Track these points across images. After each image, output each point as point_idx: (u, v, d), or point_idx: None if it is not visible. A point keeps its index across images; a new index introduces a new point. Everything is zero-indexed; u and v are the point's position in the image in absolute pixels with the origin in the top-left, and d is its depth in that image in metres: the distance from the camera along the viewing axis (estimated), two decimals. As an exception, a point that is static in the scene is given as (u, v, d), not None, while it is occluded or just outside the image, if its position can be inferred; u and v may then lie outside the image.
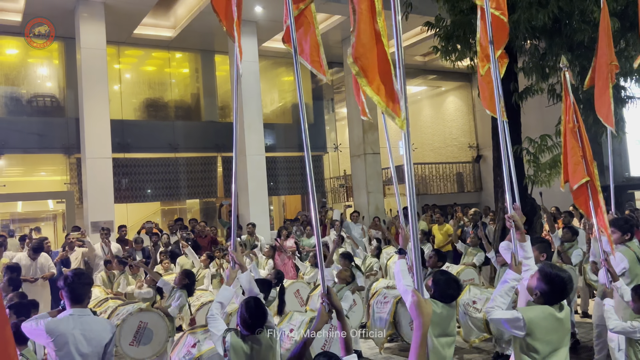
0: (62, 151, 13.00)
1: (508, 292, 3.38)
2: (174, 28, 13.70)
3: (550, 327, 3.07)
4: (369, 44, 2.78)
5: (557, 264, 5.20)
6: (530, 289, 3.23)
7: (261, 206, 12.82)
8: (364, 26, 2.80)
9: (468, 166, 19.30)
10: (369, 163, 14.72)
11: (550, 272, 3.15)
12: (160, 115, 15.06)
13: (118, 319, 5.92)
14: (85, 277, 3.55)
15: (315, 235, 3.17)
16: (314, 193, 3.07)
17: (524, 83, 8.80)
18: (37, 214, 15.64)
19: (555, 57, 8.16)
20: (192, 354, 4.52)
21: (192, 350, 4.56)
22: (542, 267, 3.26)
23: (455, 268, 7.72)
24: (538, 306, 3.15)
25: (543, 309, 3.11)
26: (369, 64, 2.77)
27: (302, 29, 3.70)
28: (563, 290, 3.13)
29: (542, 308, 3.12)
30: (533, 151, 8.71)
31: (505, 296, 3.35)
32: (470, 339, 6.29)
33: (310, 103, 17.09)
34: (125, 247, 9.94)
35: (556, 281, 3.12)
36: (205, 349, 4.55)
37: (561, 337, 3.12)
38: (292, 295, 7.53)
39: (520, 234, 3.75)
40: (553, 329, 3.07)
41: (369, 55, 2.78)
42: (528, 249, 3.76)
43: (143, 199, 14.17)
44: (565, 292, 3.14)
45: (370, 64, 2.77)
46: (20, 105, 13.00)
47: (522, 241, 3.75)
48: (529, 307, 3.20)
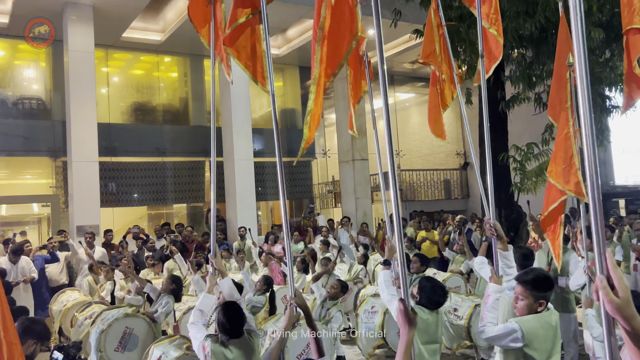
0: (48, 154, 12.88)
1: (494, 306, 3.36)
2: (163, 32, 13.66)
3: (547, 335, 3.05)
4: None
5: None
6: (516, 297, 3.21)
7: (249, 211, 12.78)
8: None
9: (455, 173, 19.41)
10: (358, 169, 14.75)
11: (530, 277, 3.14)
12: (148, 119, 14.98)
13: (103, 323, 5.86)
14: None
15: (285, 240, 3.26)
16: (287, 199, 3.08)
17: (510, 91, 8.89)
18: (22, 218, 15.45)
19: (542, 66, 8.26)
20: None
21: None
22: (518, 277, 3.22)
23: (442, 275, 7.74)
24: (532, 315, 3.11)
25: (538, 317, 3.08)
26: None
27: (246, 37, 3.76)
28: (549, 284, 3.13)
29: (537, 317, 3.09)
30: (519, 159, 8.79)
31: (493, 311, 3.33)
32: (453, 346, 6.31)
33: (298, 109, 17.10)
34: (111, 251, 9.86)
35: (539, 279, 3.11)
36: (172, 358, 4.50)
37: (555, 343, 3.12)
38: (279, 301, 7.50)
39: (502, 243, 3.71)
40: (549, 336, 3.06)
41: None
42: (511, 258, 3.72)
43: (130, 204, 14.06)
44: (551, 285, 3.14)
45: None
46: (6, 107, 12.86)
47: (505, 250, 3.71)
48: (524, 318, 3.15)
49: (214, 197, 4.26)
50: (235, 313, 3.53)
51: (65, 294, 7.74)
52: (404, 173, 18.17)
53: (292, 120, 17.06)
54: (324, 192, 18.55)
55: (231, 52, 3.75)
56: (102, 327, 5.75)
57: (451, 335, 6.26)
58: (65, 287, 8.58)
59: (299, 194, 16.66)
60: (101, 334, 5.69)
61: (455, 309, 6.25)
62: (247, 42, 3.78)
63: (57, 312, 7.42)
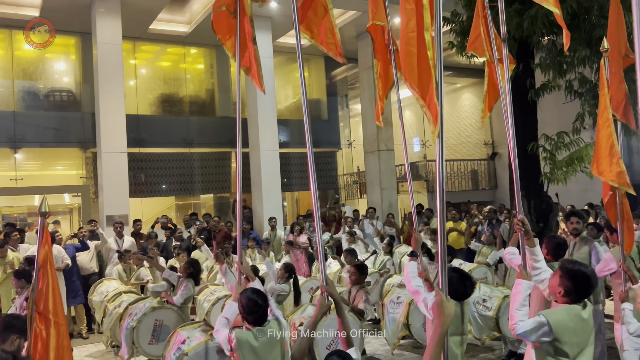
0: (78, 145, 13.14)
1: (524, 303, 3.29)
2: (189, 23, 13.74)
3: (577, 328, 2.97)
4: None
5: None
6: (553, 288, 3.12)
7: (274, 202, 12.84)
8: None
9: (483, 163, 19.14)
10: (383, 159, 14.66)
11: (573, 268, 3.05)
12: (175, 110, 15.14)
13: (133, 320, 5.96)
14: None
15: (317, 229, 3.23)
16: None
17: (540, 79, 8.69)
18: (54, 208, 15.73)
19: (573, 53, 8.05)
20: (182, 350, 4.50)
21: (182, 347, 4.53)
22: (563, 265, 3.13)
23: (468, 266, 7.66)
24: (562, 307, 3.04)
25: (568, 309, 3.00)
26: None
27: (314, 13, 3.72)
28: (587, 286, 3.02)
29: (567, 309, 3.00)
30: (549, 148, 8.60)
31: (523, 308, 3.26)
32: (482, 337, 6.25)
33: (324, 99, 17.06)
34: (140, 240, 10.02)
35: (580, 277, 3.01)
36: (194, 344, 4.53)
37: (587, 336, 3.02)
38: (307, 293, 7.52)
39: (529, 239, 3.64)
40: (580, 329, 2.97)
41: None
42: (538, 253, 3.66)
43: (158, 194, 14.26)
44: (590, 288, 3.03)
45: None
46: (38, 99, 13.14)
47: (532, 246, 3.64)
48: (553, 310, 3.08)
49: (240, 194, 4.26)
50: (258, 295, 3.49)
51: (104, 285, 7.79)
52: (430, 164, 18.01)
53: (317, 110, 17.03)
54: (349, 183, 18.52)
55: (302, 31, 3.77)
56: (133, 324, 5.86)
57: (480, 326, 6.20)
58: (95, 275, 8.77)
59: (324, 184, 16.66)
60: (132, 331, 5.81)
61: (484, 299, 6.18)
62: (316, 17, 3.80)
63: (98, 303, 7.53)
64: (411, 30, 2.84)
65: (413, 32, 2.83)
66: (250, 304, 3.44)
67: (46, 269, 3.02)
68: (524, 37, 8.08)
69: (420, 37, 2.79)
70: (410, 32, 2.85)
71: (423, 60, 2.77)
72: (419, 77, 2.80)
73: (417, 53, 2.80)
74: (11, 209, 15.03)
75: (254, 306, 3.44)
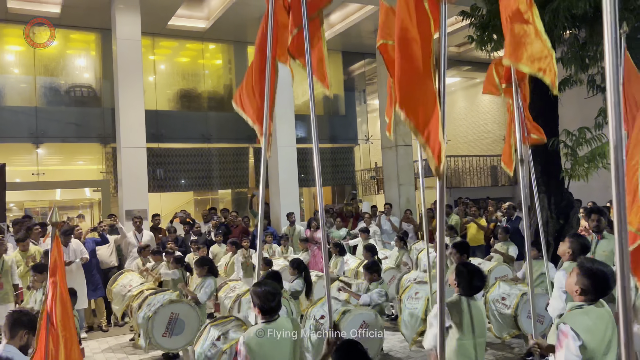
0: (98, 140, 13.29)
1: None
2: (207, 19, 13.79)
3: (600, 327, 2.90)
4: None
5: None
6: (571, 287, 3.05)
7: (291, 197, 12.86)
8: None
9: (502, 159, 18.92)
10: (401, 155, 14.58)
11: (592, 267, 2.98)
12: (193, 106, 15.22)
13: (149, 310, 6.01)
14: None
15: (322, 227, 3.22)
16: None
17: (562, 74, 8.54)
18: (75, 202, 16.06)
19: (596, 47, 7.89)
20: (219, 347, 4.51)
21: (218, 343, 4.54)
22: (581, 263, 3.06)
23: (488, 265, 7.59)
24: (578, 312, 2.96)
25: (586, 311, 2.93)
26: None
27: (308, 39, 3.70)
28: (605, 285, 2.95)
29: (588, 310, 2.93)
30: (571, 144, 8.46)
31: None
32: (502, 335, 6.19)
33: (341, 95, 17.01)
34: (159, 235, 10.11)
35: (598, 276, 2.94)
36: (233, 340, 4.55)
37: (612, 333, 2.94)
38: (322, 289, 7.52)
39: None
40: (602, 328, 2.90)
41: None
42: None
43: (176, 189, 14.37)
44: (607, 288, 2.96)
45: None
46: (59, 95, 13.31)
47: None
48: (570, 315, 2.98)
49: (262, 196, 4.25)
50: (273, 279, 3.46)
51: (125, 277, 7.81)
52: (449, 159, 17.85)
53: (334, 106, 16.99)
54: (366, 179, 18.46)
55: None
56: (149, 314, 5.90)
57: (500, 325, 6.14)
58: (114, 269, 8.86)
59: (342, 180, 16.63)
60: (148, 321, 5.85)
61: (503, 297, 6.12)
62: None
63: (118, 295, 7.58)
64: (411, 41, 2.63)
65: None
66: (266, 292, 3.39)
67: (55, 279, 2.97)
68: (545, 31, 7.94)
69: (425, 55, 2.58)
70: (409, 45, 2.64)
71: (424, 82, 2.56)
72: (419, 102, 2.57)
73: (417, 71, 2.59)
74: (33, 203, 15.30)
75: (269, 294, 3.38)
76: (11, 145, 12.74)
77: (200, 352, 4.63)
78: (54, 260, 3.00)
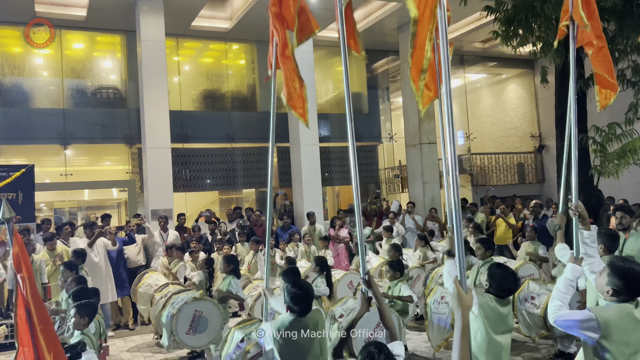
0: (124, 141, 13.47)
1: (565, 289, 3.14)
2: (230, 19, 13.86)
3: (629, 328, 2.77)
4: None
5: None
6: (601, 287, 2.93)
7: (315, 196, 12.84)
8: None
9: (530, 156, 18.60)
10: (425, 153, 14.43)
11: (622, 265, 2.86)
12: (217, 106, 15.32)
13: (173, 308, 6.07)
14: None
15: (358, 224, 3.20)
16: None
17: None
18: (103, 202, 16.33)
19: (626, 40, 7.69)
20: (242, 348, 4.55)
21: (241, 345, 4.59)
22: (611, 261, 2.94)
23: (514, 263, 7.46)
24: (613, 305, 2.86)
25: (619, 307, 2.82)
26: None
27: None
28: (639, 285, 2.83)
29: (619, 307, 2.82)
30: (600, 140, 8.26)
31: (562, 295, 3.11)
32: (531, 335, 6.08)
33: (364, 93, 16.92)
34: (184, 234, 10.20)
35: (630, 274, 2.82)
36: (255, 340, 4.57)
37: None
38: (346, 287, 7.49)
39: (585, 223, 3.49)
40: (632, 329, 2.77)
41: None
42: (593, 238, 3.51)
43: (201, 188, 14.49)
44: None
45: None
46: (86, 97, 13.54)
47: (587, 230, 3.49)
48: (603, 307, 2.91)
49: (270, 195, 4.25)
50: (306, 288, 3.46)
51: (150, 277, 7.92)
52: (475, 157, 17.63)
53: (357, 104, 16.90)
54: (390, 177, 18.34)
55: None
56: (173, 311, 5.96)
57: (528, 324, 6.04)
58: (142, 268, 8.97)
59: (365, 179, 16.55)
60: (172, 318, 5.91)
61: (532, 297, 6.01)
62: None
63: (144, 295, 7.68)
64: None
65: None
66: (299, 288, 3.42)
67: (22, 274, 2.81)
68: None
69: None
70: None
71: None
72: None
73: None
74: (62, 204, 15.61)
75: (301, 289, 3.43)
76: (40, 146, 13.01)
77: (225, 355, 4.67)
78: (16, 256, 2.84)
